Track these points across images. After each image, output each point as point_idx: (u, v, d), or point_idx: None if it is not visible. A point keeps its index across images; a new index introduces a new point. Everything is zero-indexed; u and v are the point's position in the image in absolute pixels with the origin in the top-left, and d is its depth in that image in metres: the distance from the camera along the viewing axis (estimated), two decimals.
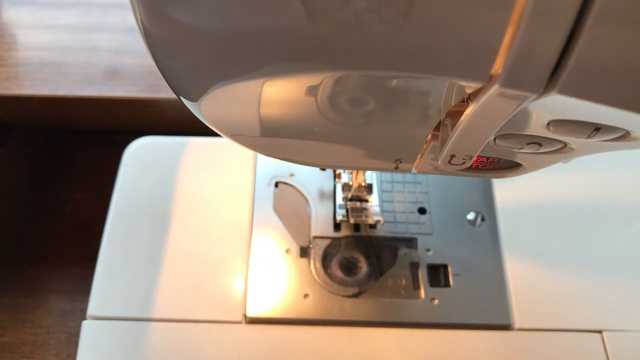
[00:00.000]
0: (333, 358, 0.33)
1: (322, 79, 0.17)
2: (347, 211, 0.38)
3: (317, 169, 0.40)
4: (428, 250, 0.37)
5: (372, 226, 0.38)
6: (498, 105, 0.16)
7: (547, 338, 0.34)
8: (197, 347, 0.33)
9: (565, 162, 0.23)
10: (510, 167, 0.24)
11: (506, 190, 0.39)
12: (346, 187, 0.38)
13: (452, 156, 0.20)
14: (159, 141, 0.42)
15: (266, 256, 0.37)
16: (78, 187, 0.49)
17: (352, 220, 0.37)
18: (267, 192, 0.39)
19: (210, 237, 0.38)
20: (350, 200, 0.38)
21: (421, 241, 0.37)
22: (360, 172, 0.37)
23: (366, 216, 0.37)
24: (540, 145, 0.20)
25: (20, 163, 0.48)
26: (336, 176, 0.39)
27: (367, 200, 0.38)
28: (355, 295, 0.35)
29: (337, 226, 0.38)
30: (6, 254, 0.45)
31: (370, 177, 0.38)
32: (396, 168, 0.23)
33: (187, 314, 0.35)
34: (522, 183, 0.39)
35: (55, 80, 0.43)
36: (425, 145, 0.22)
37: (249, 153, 0.41)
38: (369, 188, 0.38)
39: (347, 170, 0.38)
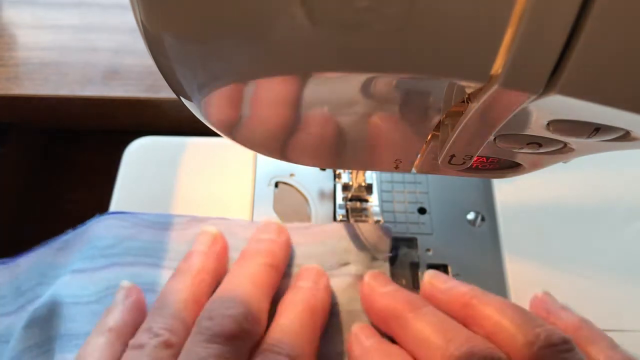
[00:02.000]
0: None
1: (322, 79, 0.17)
2: (347, 211, 0.38)
3: (317, 169, 0.40)
4: (428, 250, 0.37)
5: None
6: (498, 105, 0.16)
7: None
8: None
9: (565, 162, 0.23)
10: (510, 167, 0.24)
11: (506, 190, 0.39)
12: (346, 187, 0.38)
13: (452, 156, 0.20)
14: (159, 141, 0.42)
15: None
16: (78, 187, 0.49)
17: (352, 220, 0.37)
18: (267, 192, 0.39)
19: None
20: (350, 200, 0.38)
21: (421, 241, 0.37)
22: (360, 172, 0.37)
23: (366, 216, 0.37)
24: (540, 145, 0.20)
25: (20, 163, 0.48)
26: (336, 176, 0.39)
27: (367, 200, 0.38)
28: None
29: None
30: (6, 254, 0.45)
31: (370, 177, 0.38)
32: (396, 168, 0.23)
33: None
34: (522, 183, 0.39)
35: (55, 80, 0.43)
36: (425, 145, 0.22)
37: (249, 153, 0.41)
38: (369, 188, 0.38)
39: (347, 170, 0.38)
